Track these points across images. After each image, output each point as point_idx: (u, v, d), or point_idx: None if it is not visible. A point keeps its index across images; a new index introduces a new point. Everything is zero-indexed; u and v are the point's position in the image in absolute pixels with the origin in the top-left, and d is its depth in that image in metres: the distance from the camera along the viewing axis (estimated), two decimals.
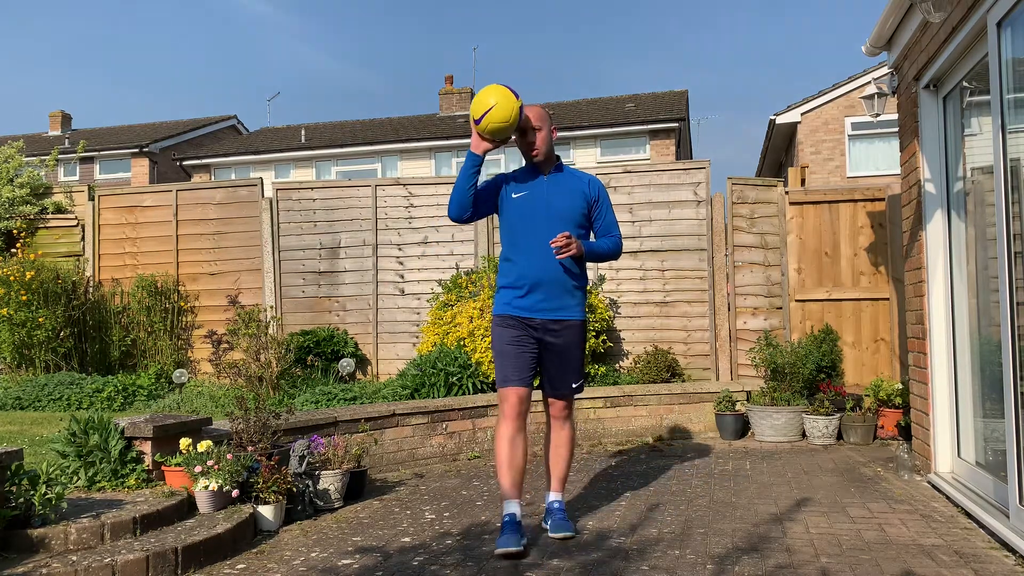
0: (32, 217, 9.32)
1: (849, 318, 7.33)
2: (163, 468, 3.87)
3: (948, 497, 4.21)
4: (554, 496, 3.74)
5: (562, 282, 3.57)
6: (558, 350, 3.60)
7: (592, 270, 7.79)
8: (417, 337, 8.09)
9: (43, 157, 11.10)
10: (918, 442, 4.90)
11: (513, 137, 3.60)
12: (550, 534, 3.59)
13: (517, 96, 3.45)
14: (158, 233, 8.88)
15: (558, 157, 3.73)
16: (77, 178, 20.31)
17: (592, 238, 3.76)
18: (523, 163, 3.76)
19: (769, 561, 3.22)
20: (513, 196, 3.61)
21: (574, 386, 3.67)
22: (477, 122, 3.44)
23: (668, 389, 6.75)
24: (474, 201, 3.58)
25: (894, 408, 6.22)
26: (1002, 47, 3.46)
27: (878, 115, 9.04)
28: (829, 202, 7.48)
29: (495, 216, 3.76)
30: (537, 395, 3.75)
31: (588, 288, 3.73)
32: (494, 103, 3.38)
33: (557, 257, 3.49)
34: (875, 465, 5.27)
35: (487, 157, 3.69)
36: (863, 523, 3.79)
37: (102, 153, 20.83)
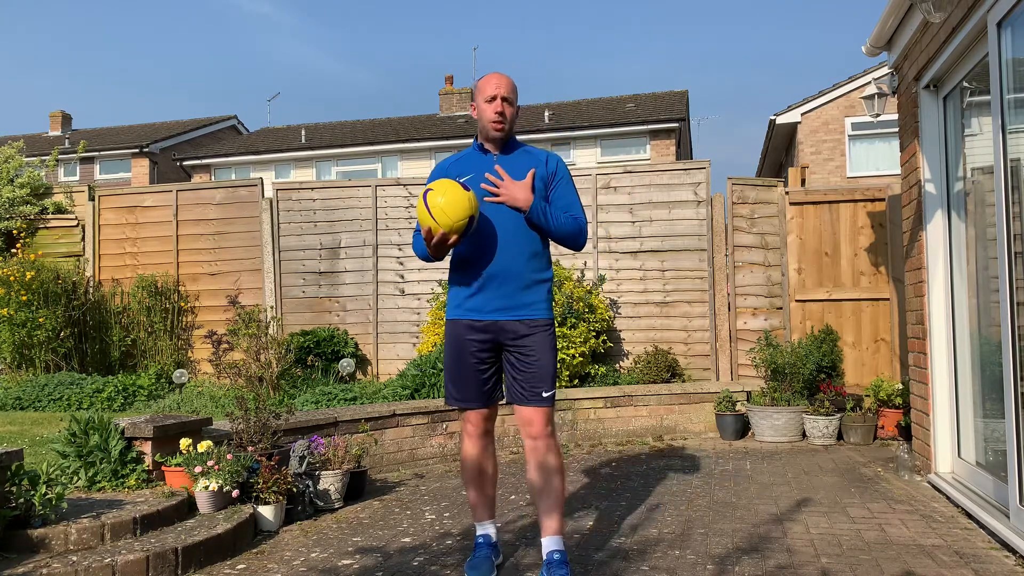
0: (32, 217, 9.32)
1: (849, 318, 7.33)
2: (163, 468, 3.87)
3: (948, 497, 4.21)
4: (551, 543, 2.97)
5: (519, 275, 3.03)
6: (522, 355, 3.03)
7: (592, 271, 7.79)
8: (417, 337, 8.09)
9: (43, 157, 11.12)
10: (918, 442, 4.90)
11: (472, 105, 3.17)
12: None
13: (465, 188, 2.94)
14: (158, 233, 8.88)
15: (513, 136, 3.21)
16: (77, 178, 20.32)
17: None
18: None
19: (769, 561, 3.22)
20: (459, 181, 3.03)
21: (545, 395, 3.03)
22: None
23: (668, 389, 6.75)
24: None
25: (894, 408, 6.22)
26: (1002, 47, 3.46)
27: (878, 115, 9.05)
28: (829, 202, 7.47)
29: None
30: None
31: (555, 282, 3.08)
32: (442, 200, 2.86)
33: (486, 200, 3.00)
34: (875, 465, 5.26)
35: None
36: (863, 523, 3.79)
37: (102, 153, 20.83)
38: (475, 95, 3.15)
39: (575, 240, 3.15)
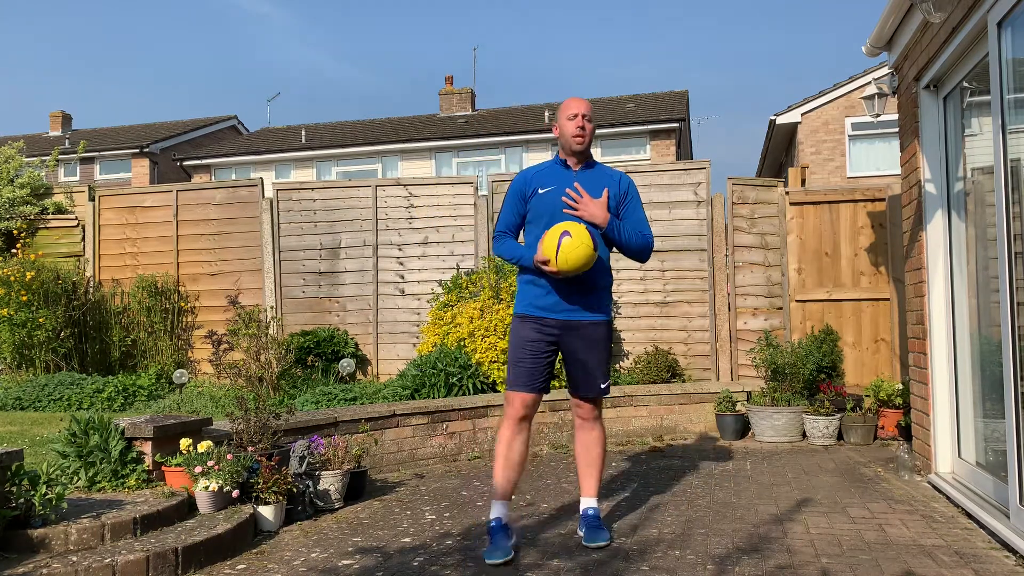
0: (32, 217, 9.32)
1: (849, 318, 7.33)
2: (163, 468, 3.87)
3: (948, 497, 4.21)
4: (587, 502, 3.58)
5: (590, 281, 3.43)
6: (583, 352, 3.46)
7: None
8: (417, 337, 8.08)
9: (43, 157, 11.12)
10: (918, 442, 4.90)
11: (555, 126, 3.57)
12: (584, 543, 3.45)
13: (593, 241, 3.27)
14: (158, 233, 8.88)
15: (590, 154, 3.62)
16: (77, 178, 20.32)
17: None
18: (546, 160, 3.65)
19: (770, 561, 3.22)
20: (540, 191, 3.49)
21: (602, 387, 3.52)
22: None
23: (668, 389, 6.75)
24: (520, 226, 3.59)
25: (894, 408, 6.21)
26: (1002, 47, 3.46)
27: (878, 115, 9.05)
28: (829, 202, 7.47)
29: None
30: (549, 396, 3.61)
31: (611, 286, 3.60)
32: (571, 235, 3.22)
33: (565, 212, 3.35)
34: (875, 465, 5.26)
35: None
36: (863, 523, 3.79)
37: (102, 153, 20.83)
38: (558, 116, 3.56)
39: (643, 254, 3.54)
